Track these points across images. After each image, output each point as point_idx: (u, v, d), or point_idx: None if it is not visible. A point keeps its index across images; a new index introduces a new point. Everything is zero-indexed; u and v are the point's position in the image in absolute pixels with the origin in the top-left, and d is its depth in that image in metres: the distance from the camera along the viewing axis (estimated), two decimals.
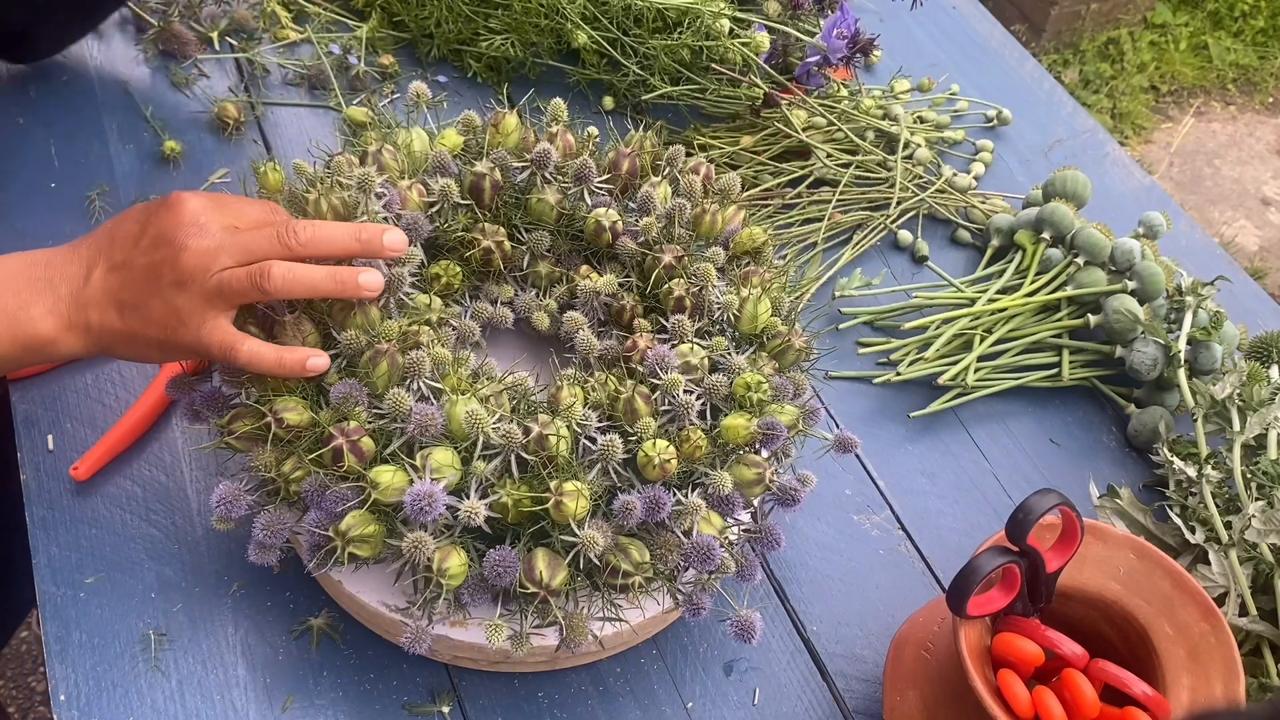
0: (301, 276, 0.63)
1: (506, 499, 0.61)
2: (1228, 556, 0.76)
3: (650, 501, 0.62)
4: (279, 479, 0.63)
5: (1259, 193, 2.55)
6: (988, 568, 0.62)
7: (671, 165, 0.78)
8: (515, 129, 0.77)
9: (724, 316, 0.71)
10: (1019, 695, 0.62)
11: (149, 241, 0.63)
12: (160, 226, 0.63)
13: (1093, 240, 0.94)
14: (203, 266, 0.62)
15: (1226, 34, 2.89)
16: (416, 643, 0.62)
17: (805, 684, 0.75)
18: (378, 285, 0.65)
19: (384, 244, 0.66)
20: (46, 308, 0.63)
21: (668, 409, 0.65)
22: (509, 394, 0.66)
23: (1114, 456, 0.92)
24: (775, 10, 1.04)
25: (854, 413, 0.90)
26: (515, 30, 1.05)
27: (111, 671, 0.69)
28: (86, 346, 0.65)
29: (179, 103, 1.01)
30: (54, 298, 0.64)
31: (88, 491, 0.76)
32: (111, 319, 0.63)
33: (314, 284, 0.64)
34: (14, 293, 0.63)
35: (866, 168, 1.04)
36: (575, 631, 0.63)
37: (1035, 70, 1.25)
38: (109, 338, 0.64)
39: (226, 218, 0.64)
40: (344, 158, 0.73)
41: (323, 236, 0.65)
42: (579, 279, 0.75)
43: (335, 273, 0.64)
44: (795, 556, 0.81)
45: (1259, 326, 1.01)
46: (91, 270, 0.64)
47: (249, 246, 0.63)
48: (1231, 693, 0.63)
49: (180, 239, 0.62)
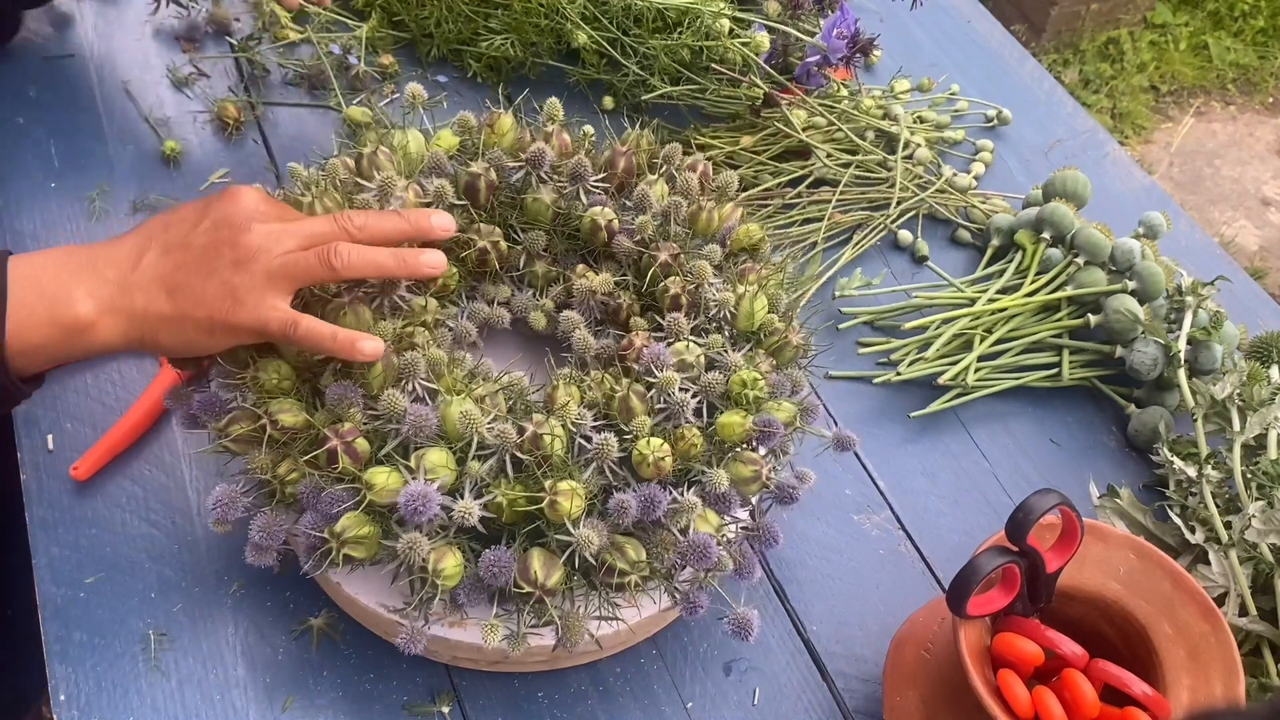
0: (368, 255, 0.65)
1: (501, 499, 0.61)
2: (1228, 556, 0.76)
3: (645, 500, 0.61)
4: (275, 481, 0.63)
5: (1259, 193, 2.55)
6: (988, 568, 0.62)
7: (668, 163, 0.78)
8: (510, 129, 0.77)
9: (721, 314, 0.71)
10: (1019, 695, 0.62)
11: (210, 224, 0.64)
12: (222, 211, 0.64)
13: (1093, 240, 0.94)
14: (265, 247, 0.63)
15: (1226, 34, 2.89)
16: (412, 643, 0.62)
17: (805, 684, 0.75)
18: (441, 264, 0.67)
19: (433, 225, 0.68)
20: (87, 290, 0.62)
21: (663, 407, 0.65)
22: (505, 394, 0.66)
23: (1114, 456, 0.91)
24: (775, 10, 1.04)
25: (854, 413, 0.90)
26: (515, 30, 1.05)
27: (111, 671, 0.69)
28: (126, 334, 0.64)
29: (179, 103, 1.01)
30: (97, 281, 0.63)
31: (88, 491, 0.76)
32: (160, 302, 0.63)
33: (380, 263, 0.66)
34: (54, 276, 0.63)
35: (866, 168, 1.04)
36: (572, 631, 0.63)
37: (1035, 70, 1.25)
38: (154, 323, 0.63)
39: (283, 210, 0.67)
40: (339, 160, 0.73)
41: (375, 221, 0.67)
42: (575, 278, 0.74)
43: (399, 252, 0.67)
44: (795, 556, 0.81)
45: (1259, 326, 1.01)
46: (143, 256, 0.64)
47: (310, 231, 0.65)
48: (1231, 693, 0.63)
49: (243, 221, 0.63)
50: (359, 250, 0.65)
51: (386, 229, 0.67)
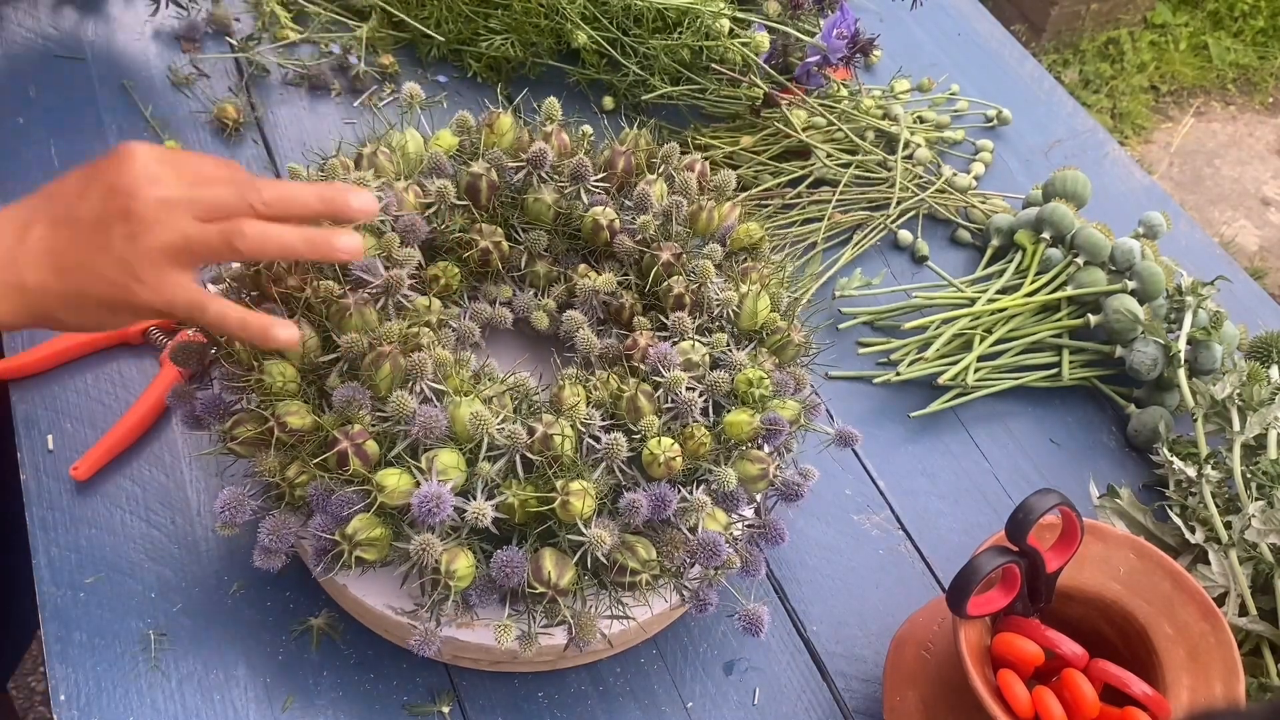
0: (274, 236, 0.59)
1: (513, 499, 0.61)
2: (1228, 556, 0.76)
3: (656, 499, 0.62)
4: (283, 484, 0.63)
5: (1259, 193, 2.55)
6: (988, 568, 0.62)
7: (666, 162, 0.78)
8: (510, 129, 0.77)
9: (723, 313, 0.71)
10: (1019, 695, 0.62)
11: (98, 194, 0.58)
12: (110, 177, 0.58)
13: (1093, 240, 0.94)
14: (159, 219, 0.57)
15: (1226, 34, 2.89)
16: (425, 645, 0.62)
17: (805, 684, 0.75)
18: (355, 249, 0.61)
19: (351, 205, 0.61)
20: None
21: (670, 406, 0.65)
22: (511, 394, 0.66)
23: (1114, 456, 0.91)
24: (775, 10, 1.04)
25: (854, 412, 0.90)
26: (515, 30, 1.05)
27: (111, 671, 0.69)
28: (17, 312, 0.59)
29: (179, 103, 1.01)
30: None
31: (88, 491, 0.76)
32: (52, 280, 0.58)
33: (288, 245, 0.59)
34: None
35: (866, 168, 1.04)
36: (585, 630, 0.63)
37: (1035, 70, 1.25)
38: (49, 301, 0.59)
39: (181, 171, 0.59)
40: (338, 160, 0.73)
41: (287, 196, 0.60)
42: (578, 278, 0.75)
43: (310, 234, 0.60)
44: (795, 556, 0.81)
45: (1259, 326, 1.01)
46: (29, 230, 0.59)
47: (213, 201, 0.58)
48: (1231, 693, 0.63)
49: (133, 188, 0.57)
50: (265, 231, 0.59)
51: (297, 207, 0.61)
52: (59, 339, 0.81)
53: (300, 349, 0.64)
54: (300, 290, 0.67)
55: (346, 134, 1.01)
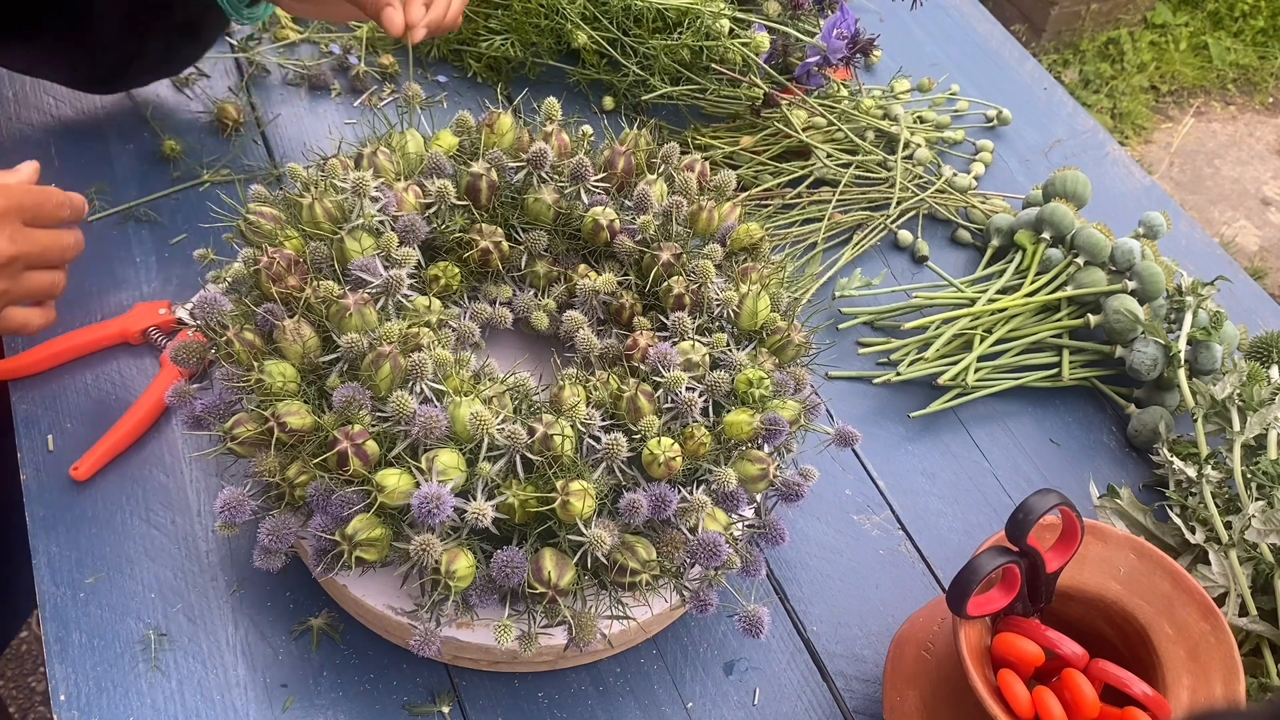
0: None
1: (513, 499, 0.61)
2: (1228, 556, 0.76)
3: (656, 499, 0.62)
4: (283, 484, 0.63)
5: (1259, 193, 2.55)
6: (988, 568, 0.62)
7: (666, 162, 0.78)
8: (510, 129, 0.77)
9: (723, 313, 0.71)
10: (1019, 695, 0.62)
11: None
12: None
13: (1093, 240, 0.94)
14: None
15: (1226, 34, 2.89)
16: (425, 645, 0.62)
17: (805, 684, 0.75)
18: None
19: None
20: None
21: (670, 407, 0.65)
22: (511, 394, 0.66)
23: (1114, 456, 0.91)
24: (775, 10, 1.04)
25: (854, 413, 0.90)
26: (515, 30, 1.05)
27: (111, 671, 0.69)
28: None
29: (179, 102, 1.01)
30: None
31: (88, 491, 0.76)
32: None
33: None
34: None
35: (866, 168, 1.04)
36: (584, 630, 0.63)
37: (1035, 70, 1.25)
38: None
39: None
40: (338, 160, 0.73)
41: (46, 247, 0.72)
42: (577, 278, 0.75)
43: None
44: (795, 556, 0.81)
45: (1259, 326, 1.01)
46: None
47: None
48: (1231, 693, 0.63)
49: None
50: None
51: None
52: (59, 339, 0.81)
53: None
54: (300, 290, 0.67)
55: (346, 134, 1.01)
